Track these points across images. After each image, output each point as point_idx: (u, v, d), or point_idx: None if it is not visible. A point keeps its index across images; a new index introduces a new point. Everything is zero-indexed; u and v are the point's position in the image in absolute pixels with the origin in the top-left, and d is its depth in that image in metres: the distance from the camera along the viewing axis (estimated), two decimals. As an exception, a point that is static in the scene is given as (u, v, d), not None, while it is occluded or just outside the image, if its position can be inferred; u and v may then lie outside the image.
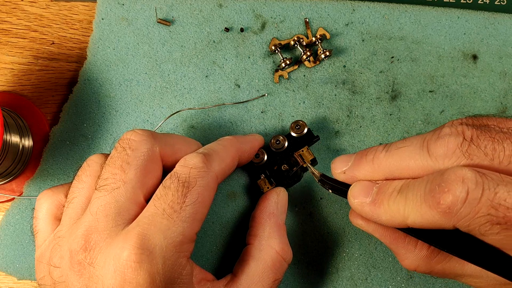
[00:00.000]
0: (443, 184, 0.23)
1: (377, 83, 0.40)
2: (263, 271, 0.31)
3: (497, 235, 0.23)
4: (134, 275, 0.26)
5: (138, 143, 0.30)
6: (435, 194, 0.23)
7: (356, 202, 0.28)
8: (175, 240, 0.27)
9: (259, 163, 0.36)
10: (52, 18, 0.41)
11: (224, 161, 0.32)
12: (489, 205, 0.22)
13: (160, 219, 0.27)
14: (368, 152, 0.29)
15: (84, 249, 0.27)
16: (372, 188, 0.28)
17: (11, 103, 0.40)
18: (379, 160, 0.28)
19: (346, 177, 0.30)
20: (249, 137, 0.36)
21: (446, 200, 0.23)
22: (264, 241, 0.33)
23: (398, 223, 0.26)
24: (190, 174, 0.29)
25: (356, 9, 0.40)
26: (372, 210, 0.27)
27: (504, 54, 0.40)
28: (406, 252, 0.30)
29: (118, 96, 0.39)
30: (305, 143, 0.37)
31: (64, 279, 0.28)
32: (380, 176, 0.28)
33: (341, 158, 0.31)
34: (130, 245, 0.26)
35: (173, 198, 0.28)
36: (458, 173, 0.23)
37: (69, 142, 0.39)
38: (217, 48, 0.40)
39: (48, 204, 0.32)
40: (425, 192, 0.24)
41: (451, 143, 0.25)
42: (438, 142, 0.25)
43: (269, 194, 0.35)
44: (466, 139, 0.25)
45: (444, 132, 0.26)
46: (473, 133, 0.25)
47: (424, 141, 0.26)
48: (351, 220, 0.32)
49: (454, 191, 0.23)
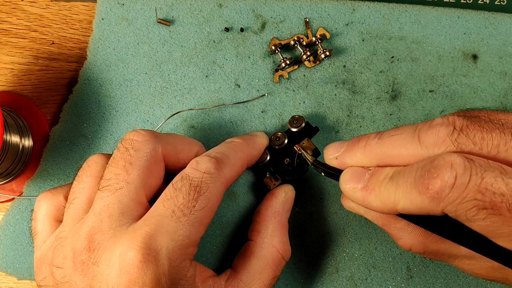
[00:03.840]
0: (432, 170, 0.24)
1: (377, 83, 0.40)
2: (263, 268, 0.32)
3: (483, 221, 0.23)
4: (140, 275, 0.26)
5: (141, 143, 0.30)
6: (424, 180, 0.24)
7: (348, 188, 0.29)
8: (182, 243, 0.27)
9: (262, 162, 0.36)
10: (52, 18, 0.41)
11: (235, 168, 0.32)
12: (476, 190, 0.22)
13: (169, 220, 0.27)
14: (360, 139, 0.29)
15: (88, 249, 0.27)
16: (364, 174, 0.28)
17: (11, 103, 0.40)
18: (371, 147, 0.28)
19: (338, 163, 0.30)
20: (257, 141, 0.36)
21: (435, 185, 0.23)
22: (266, 239, 0.33)
23: (388, 209, 0.26)
24: (202, 179, 0.29)
25: (356, 9, 0.40)
26: (363, 196, 0.28)
27: (504, 54, 0.40)
28: (399, 232, 0.31)
29: (118, 96, 0.39)
30: (306, 136, 0.37)
31: (67, 279, 0.28)
32: (372, 163, 0.29)
33: (334, 144, 0.31)
34: (137, 245, 0.26)
35: (184, 201, 0.28)
36: (447, 159, 0.23)
37: (69, 142, 0.39)
38: (217, 48, 0.40)
39: (48, 206, 0.32)
40: (415, 178, 0.24)
41: (441, 132, 0.25)
42: (429, 131, 0.26)
43: (276, 192, 0.35)
44: (456, 128, 0.25)
45: (435, 122, 0.26)
46: (463, 123, 0.25)
47: (415, 130, 0.27)
48: (343, 203, 0.33)
49: (442, 176, 0.23)
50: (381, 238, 0.38)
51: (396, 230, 0.31)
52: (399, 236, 0.31)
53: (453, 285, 0.37)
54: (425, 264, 0.37)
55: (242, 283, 0.31)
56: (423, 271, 0.37)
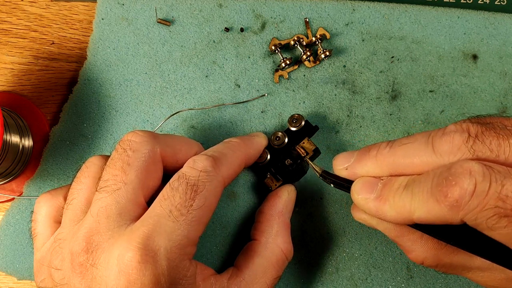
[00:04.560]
0: (450, 178, 0.23)
1: (377, 83, 0.40)
2: (267, 268, 0.32)
3: (505, 229, 0.22)
4: (139, 276, 0.26)
5: (139, 144, 0.30)
6: (442, 188, 0.23)
7: (360, 198, 0.28)
8: (180, 243, 0.27)
9: (263, 163, 0.36)
10: (52, 18, 0.41)
11: (232, 166, 0.32)
12: (496, 197, 0.22)
13: (166, 220, 0.27)
14: (371, 148, 0.29)
15: (86, 250, 0.27)
16: (376, 184, 0.28)
17: (11, 103, 0.40)
18: (383, 156, 0.28)
19: (348, 173, 0.30)
20: (255, 140, 0.36)
21: (454, 193, 0.23)
22: (271, 239, 0.33)
23: (403, 219, 0.26)
24: (199, 178, 0.29)
25: (356, 9, 0.40)
26: (376, 206, 0.27)
27: (504, 54, 0.40)
28: (412, 244, 0.30)
29: (118, 96, 0.39)
30: (306, 135, 0.37)
31: (66, 281, 0.28)
32: (384, 172, 0.28)
33: (343, 154, 0.31)
34: (135, 246, 0.26)
35: (181, 200, 0.28)
36: (465, 166, 0.23)
37: (69, 142, 0.39)
38: (217, 48, 0.40)
39: (47, 207, 0.32)
40: (431, 186, 0.24)
41: (456, 139, 0.25)
42: (443, 138, 0.25)
43: (280, 192, 0.35)
44: (471, 135, 0.25)
45: (449, 129, 0.25)
46: (478, 129, 0.25)
47: (429, 138, 0.26)
48: (354, 215, 0.32)
49: (462, 183, 0.22)
50: (381, 238, 0.38)
51: (409, 242, 0.30)
52: (411, 248, 0.30)
53: (453, 285, 0.37)
54: (425, 264, 0.38)
55: (245, 282, 0.31)
56: (423, 271, 0.37)
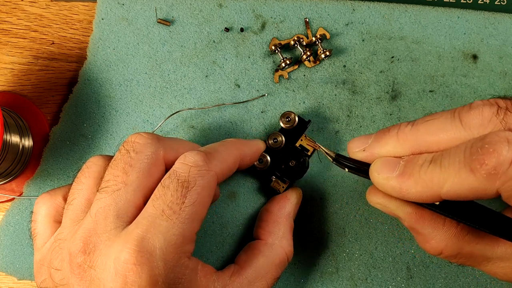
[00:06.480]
0: (486, 146, 0.22)
1: (377, 83, 0.40)
2: (269, 268, 0.32)
3: None
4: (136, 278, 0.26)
5: (142, 146, 0.29)
6: (478, 156, 0.22)
7: (381, 177, 0.27)
8: (176, 242, 0.27)
9: (265, 167, 0.36)
10: (52, 18, 0.41)
11: (226, 162, 0.31)
12: None
13: (159, 220, 0.27)
14: (390, 128, 0.28)
15: (83, 251, 0.27)
16: (397, 162, 0.27)
17: (11, 103, 0.40)
18: (405, 134, 0.27)
19: (365, 155, 0.29)
20: (251, 141, 0.36)
21: (492, 160, 0.22)
22: (277, 240, 0.33)
23: (430, 195, 0.25)
24: (190, 173, 0.28)
25: (356, 9, 0.40)
26: (400, 183, 0.26)
27: (504, 54, 0.40)
28: (433, 231, 0.28)
29: (118, 96, 0.39)
30: (300, 131, 0.37)
31: (66, 282, 0.28)
32: (406, 151, 0.27)
33: (359, 138, 0.29)
34: (130, 247, 0.26)
35: (172, 198, 0.27)
36: (502, 134, 0.22)
37: (69, 142, 0.39)
38: (217, 48, 0.40)
39: (47, 207, 0.32)
40: (465, 157, 0.23)
41: (486, 112, 0.24)
42: (471, 112, 0.25)
43: (289, 195, 0.35)
44: (502, 107, 0.24)
45: (476, 104, 0.25)
46: (507, 103, 0.24)
47: (455, 113, 0.25)
48: (370, 200, 0.30)
49: (500, 150, 0.22)
50: (381, 238, 0.38)
51: (430, 229, 0.28)
52: (431, 236, 0.28)
53: (453, 285, 0.37)
54: (425, 264, 0.37)
55: (247, 280, 0.31)
56: (423, 271, 0.37)
